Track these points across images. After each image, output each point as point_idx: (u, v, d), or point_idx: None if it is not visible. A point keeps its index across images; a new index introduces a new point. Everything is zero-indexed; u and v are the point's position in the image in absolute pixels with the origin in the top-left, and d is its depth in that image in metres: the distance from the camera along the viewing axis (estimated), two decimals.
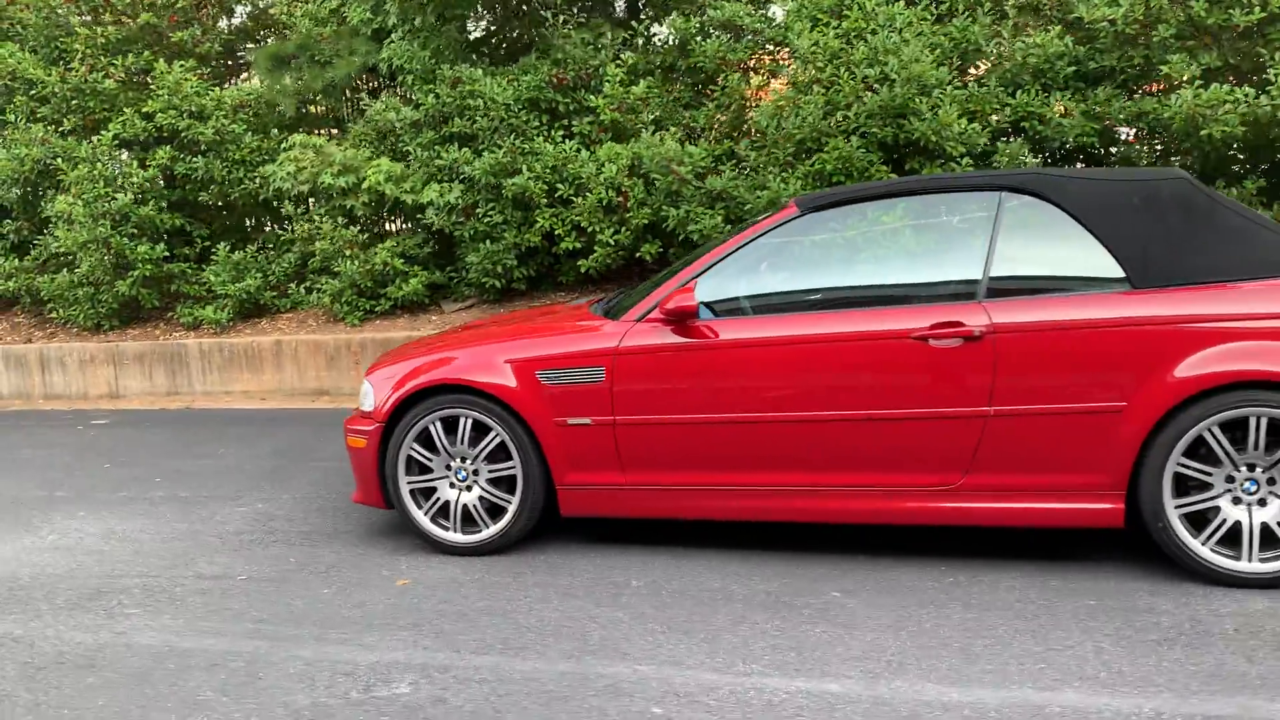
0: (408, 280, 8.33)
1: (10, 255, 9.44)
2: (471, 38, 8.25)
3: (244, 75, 9.41)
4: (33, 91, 8.90)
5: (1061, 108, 7.01)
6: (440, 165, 7.97)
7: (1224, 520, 3.49)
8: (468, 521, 4.25)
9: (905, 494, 3.77)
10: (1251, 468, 3.46)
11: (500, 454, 4.16)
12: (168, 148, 8.76)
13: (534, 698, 2.96)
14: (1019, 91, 7.08)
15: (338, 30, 8.24)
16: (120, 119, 8.68)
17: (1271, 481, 3.45)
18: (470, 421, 4.17)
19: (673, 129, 7.68)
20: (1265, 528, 3.47)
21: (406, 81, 8.06)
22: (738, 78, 7.65)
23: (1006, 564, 3.80)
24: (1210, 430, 3.44)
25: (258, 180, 8.63)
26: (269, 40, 9.06)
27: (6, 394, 9.43)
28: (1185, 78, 6.69)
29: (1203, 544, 3.50)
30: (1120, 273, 3.61)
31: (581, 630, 3.42)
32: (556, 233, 7.99)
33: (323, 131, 9.15)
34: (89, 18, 8.79)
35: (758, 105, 7.46)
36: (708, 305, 4.01)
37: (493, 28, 8.48)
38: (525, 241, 8.08)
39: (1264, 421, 3.40)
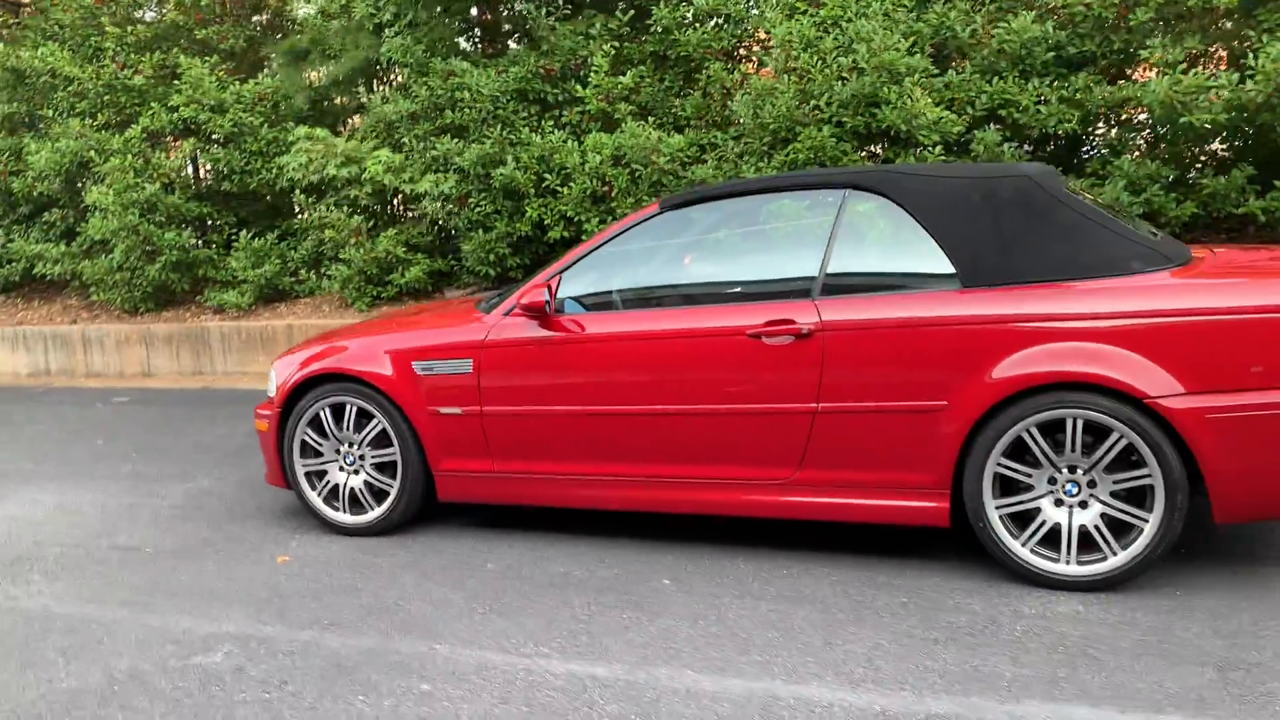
0: (410, 268, 8.61)
1: (59, 242, 10.06)
2: (463, 30, 8.45)
3: (265, 70, 9.80)
4: (70, 88, 9.46)
5: (1038, 95, 6.86)
6: (434, 156, 8.22)
7: (1044, 522, 3.48)
8: (356, 504, 4.47)
9: (745, 487, 3.84)
10: (1073, 470, 3.43)
11: (383, 440, 4.37)
12: (192, 140, 9.22)
13: (323, 670, 3.16)
14: (995, 79, 6.94)
15: (346, 25, 8.54)
16: (149, 113, 9.17)
17: (1092, 484, 3.41)
18: (355, 409, 4.39)
19: (649, 120, 7.77)
20: (1084, 531, 3.44)
21: (403, 74, 8.33)
22: (719, 66, 7.68)
23: (847, 558, 3.85)
24: (1028, 431, 3.42)
25: (274, 170, 9.01)
26: (287, 36, 9.43)
27: (54, 370, 10.09)
28: (1165, 61, 6.47)
29: (1022, 545, 3.49)
30: (951, 271, 3.60)
31: (410, 609, 3.61)
32: (545, 222, 8.16)
33: (345, 123, 9.48)
34: (119, 17, 9.28)
35: (741, 94, 7.48)
36: (577, 299, 4.13)
37: (487, 16, 8.67)
38: (517, 231, 8.28)
39: (1079, 423, 3.37)
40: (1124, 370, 3.30)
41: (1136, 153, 6.95)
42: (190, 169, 9.40)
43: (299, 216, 9.08)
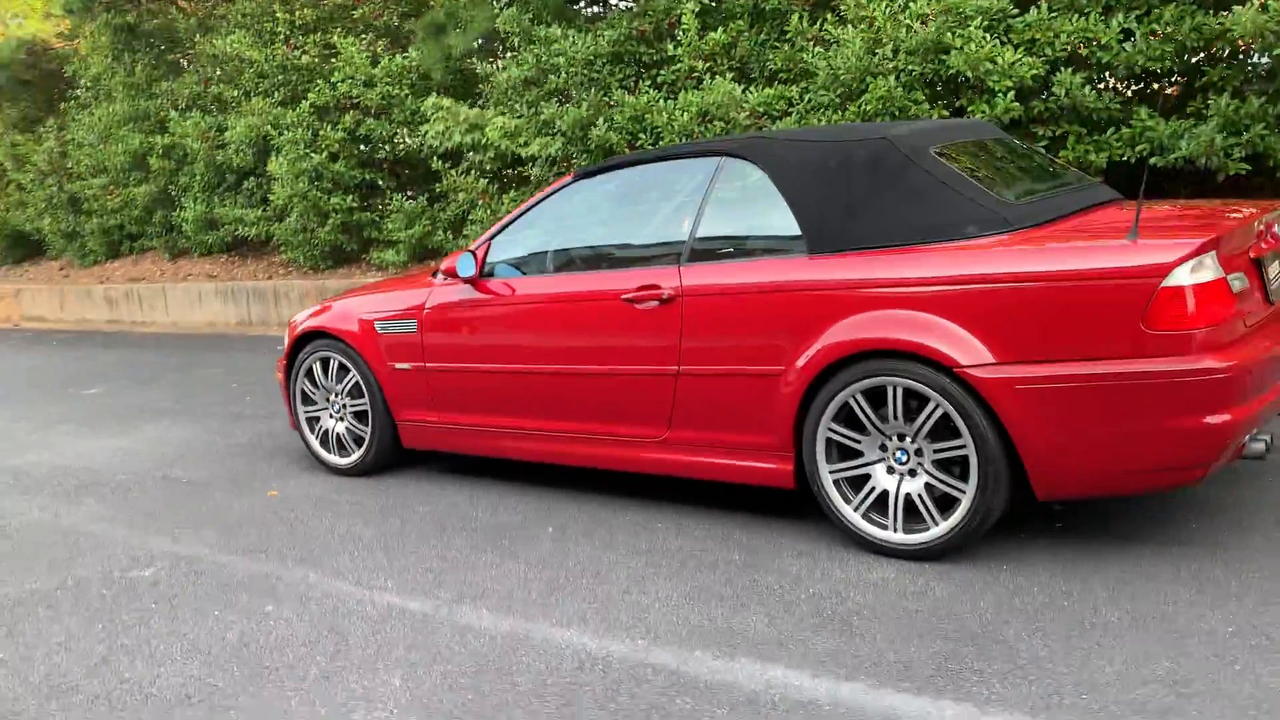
0: None
1: (256, 207, 11.38)
2: None
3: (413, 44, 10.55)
4: (252, 69, 10.65)
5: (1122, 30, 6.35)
6: (542, 120, 8.64)
7: (874, 488, 3.47)
8: (341, 447, 5.03)
9: (628, 444, 4.05)
10: (902, 438, 3.40)
11: (357, 392, 4.89)
12: (352, 112, 10.15)
13: (210, 588, 3.71)
14: (1077, 16, 6.49)
15: None
16: (316, 89, 10.18)
17: (920, 454, 3.37)
18: (336, 363, 4.93)
19: (728, 75, 7.80)
20: (909, 499, 3.41)
21: (512, 43, 8.78)
22: (798, 17, 7.59)
23: (728, 517, 3.95)
24: (854, 397, 3.42)
25: (418, 139, 9.77)
26: (429, 10, 10.12)
27: (254, 321, 11.49)
28: None
29: (854, 510, 3.50)
30: (801, 236, 3.62)
31: (322, 543, 4.10)
32: None
33: (477, 92, 10.08)
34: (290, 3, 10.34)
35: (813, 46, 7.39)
36: (508, 263, 4.44)
37: None
38: None
39: (899, 391, 3.34)
40: (939, 338, 3.23)
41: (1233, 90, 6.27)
42: (352, 139, 10.31)
43: (440, 181, 9.79)
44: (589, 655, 2.95)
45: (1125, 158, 6.58)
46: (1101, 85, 6.69)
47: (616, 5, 8.57)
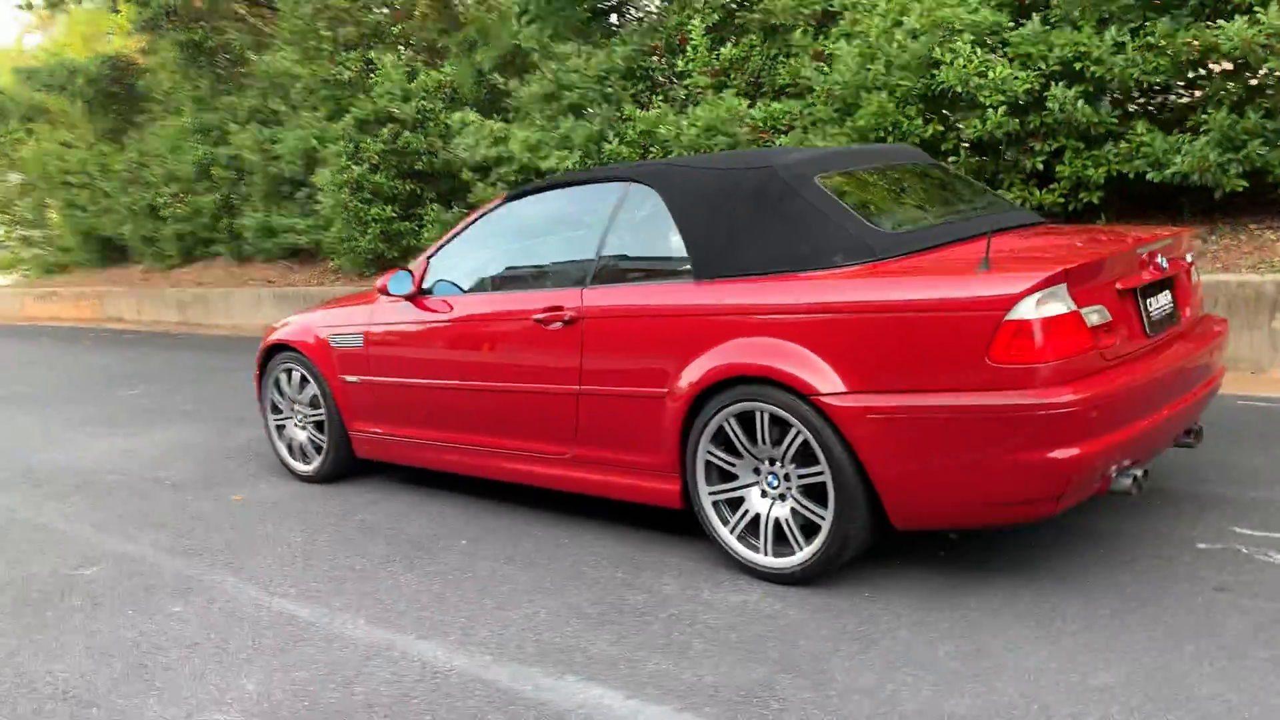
0: None
1: (307, 216, 11.83)
2: (588, 16, 8.91)
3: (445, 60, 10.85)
4: (298, 84, 11.08)
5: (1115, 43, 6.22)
6: (559, 134, 8.82)
7: (747, 511, 3.52)
8: (304, 456, 5.26)
9: (541, 460, 4.16)
10: (773, 463, 3.44)
11: (316, 403, 5.11)
12: (391, 125, 10.49)
13: (137, 589, 3.94)
14: (1070, 29, 6.38)
15: (501, 14, 9.33)
16: (358, 104, 10.54)
17: (788, 479, 3.41)
18: (298, 375, 5.16)
19: (737, 90, 7.84)
20: (778, 523, 3.45)
21: (533, 59, 8.97)
22: (800, 33, 7.60)
23: (634, 534, 4.03)
24: (728, 421, 3.48)
25: (449, 152, 10.05)
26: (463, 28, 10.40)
27: None
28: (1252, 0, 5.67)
29: (730, 532, 3.55)
30: (689, 263, 3.69)
31: (254, 548, 4.31)
32: None
33: (503, 108, 10.31)
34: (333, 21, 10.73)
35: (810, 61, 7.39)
36: (446, 281, 4.60)
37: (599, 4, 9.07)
38: None
39: (766, 416, 3.38)
40: (799, 366, 3.27)
41: (1229, 104, 6.07)
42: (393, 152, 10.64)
43: (471, 191, 10.06)
44: (433, 668, 3.07)
45: (1125, 173, 6.43)
46: (1106, 99, 6.54)
47: (633, 21, 8.66)
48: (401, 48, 10.66)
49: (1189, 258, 3.72)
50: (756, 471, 3.49)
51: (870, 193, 3.78)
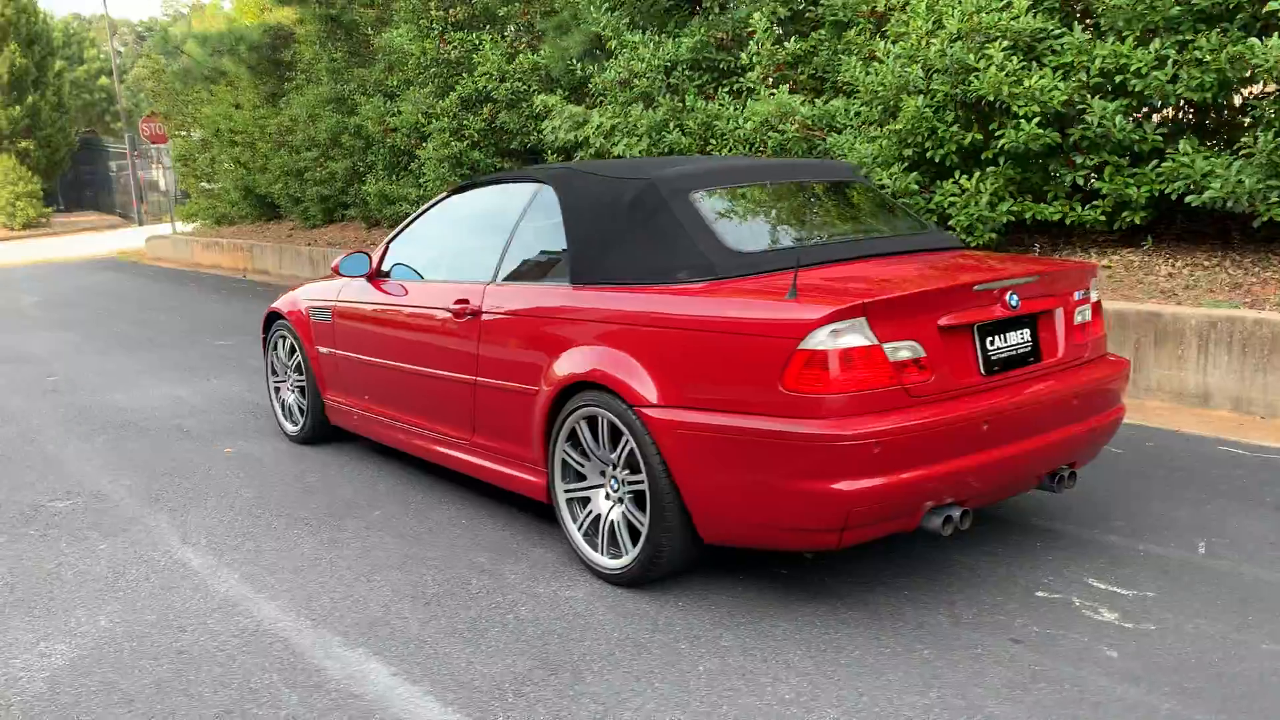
0: None
1: (419, 187, 12.40)
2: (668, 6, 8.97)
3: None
4: (410, 62, 11.60)
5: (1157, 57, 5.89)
6: (630, 121, 8.96)
7: (591, 511, 3.64)
8: (292, 417, 5.66)
9: (448, 443, 4.38)
10: (615, 466, 3.55)
11: (300, 369, 5.49)
12: (490, 105, 10.88)
13: (92, 523, 4.40)
14: (1113, 39, 6.09)
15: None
16: (462, 82, 10.98)
17: (625, 484, 3.52)
18: (288, 343, 5.56)
19: (796, 85, 7.78)
20: (613, 526, 3.56)
21: (611, 46, 9.12)
22: (854, 32, 7.47)
23: (538, 523, 4.20)
24: (579, 424, 3.60)
25: (539, 133, 10.35)
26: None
27: None
28: None
29: (577, 529, 3.68)
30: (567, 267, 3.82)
31: (205, 498, 4.71)
32: None
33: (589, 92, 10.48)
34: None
35: (855, 61, 7.26)
36: (402, 265, 4.87)
37: None
38: None
39: (605, 423, 3.49)
40: (630, 376, 3.36)
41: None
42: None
43: None
44: (255, 627, 3.35)
45: (1167, 193, 6.09)
46: (1148, 115, 6.19)
47: (707, 12, 8.69)
48: (507, 30, 10.98)
49: (1083, 295, 3.57)
50: (603, 474, 3.59)
51: (752, 210, 3.79)
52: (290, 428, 5.64)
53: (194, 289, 14.72)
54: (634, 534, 3.46)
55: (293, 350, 5.51)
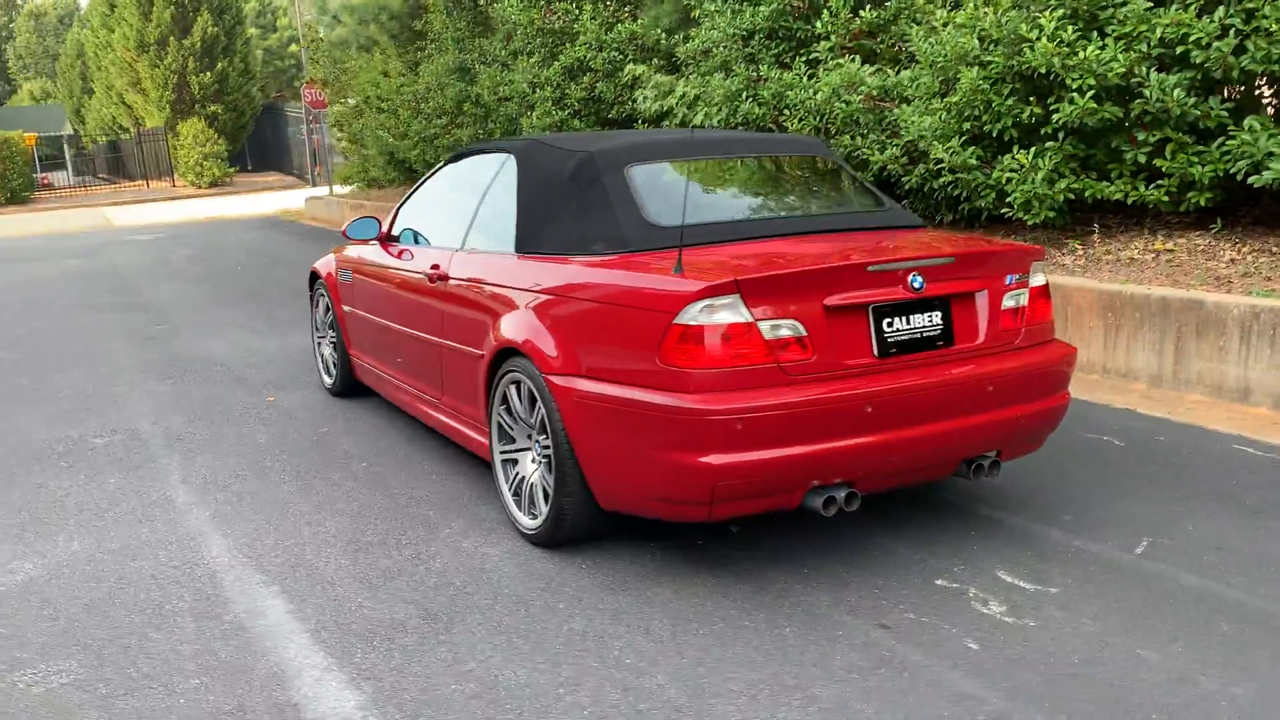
0: None
1: None
2: None
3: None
4: (519, 32, 11.85)
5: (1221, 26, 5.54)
6: (710, 91, 8.96)
7: (519, 473, 3.78)
8: (329, 371, 6.01)
9: (427, 402, 4.60)
10: (535, 429, 3.68)
11: (334, 327, 5.82)
12: (590, 74, 11.04)
13: (118, 459, 4.84)
14: (1176, 7, 5.75)
15: None
16: (565, 53, 11.18)
17: (541, 447, 3.64)
18: (324, 302, 5.90)
19: (868, 55, 7.62)
20: (533, 487, 3.69)
21: (697, 15, 9.11)
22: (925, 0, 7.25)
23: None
24: (509, 388, 3.74)
25: (632, 102, 10.46)
26: None
27: None
28: None
29: (508, 489, 3.83)
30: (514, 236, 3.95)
31: (223, 443, 5.09)
32: None
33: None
34: None
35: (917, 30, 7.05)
36: (409, 230, 5.10)
37: None
38: None
39: (525, 388, 3.62)
40: (543, 343, 3.48)
41: None
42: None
43: None
44: (196, 562, 3.64)
45: (1232, 173, 5.74)
46: (1212, 89, 5.81)
47: None
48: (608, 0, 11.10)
49: (1017, 279, 3.46)
50: (529, 437, 3.72)
51: (688, 185, 3.81)
52: (327, 380, 5.99)
53: (331, 247, 15.51)
54: (547, 497, 3.57)
55: (328, 308, 5.83)
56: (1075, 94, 5.94)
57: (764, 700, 2.62)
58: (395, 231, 5.09)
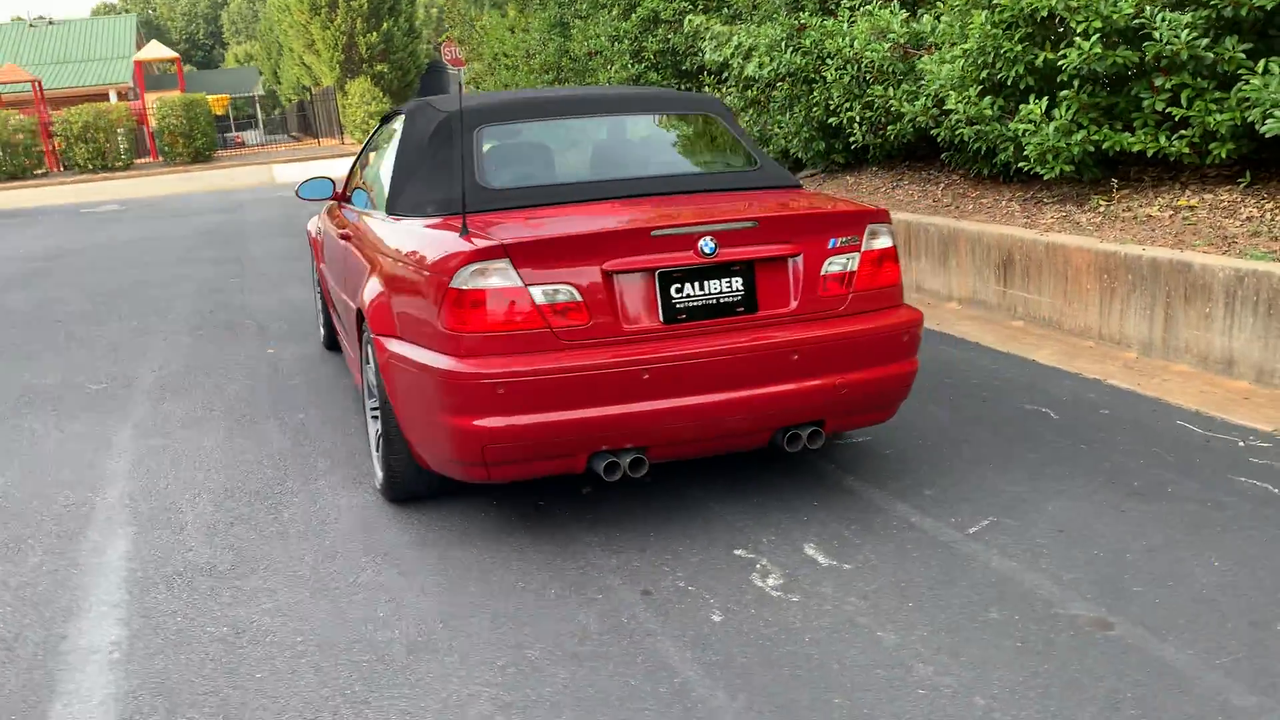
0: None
1: None
2: None
3: None
4: None
5: None
6: (761, 41, 8.76)
7: (377, 429, 3.91)
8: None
9: (355, 362, 4.77)
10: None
11: (318, 285, 6.09)
12: (664, 27, 10.95)
13: (97, 404, 5.27)
14: None
15: None
16: (642, 5, 11.11)
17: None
18: (311, 261, 6.17)
19: (889, 3, 7.28)
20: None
21: None
22: None
23: None
24: (368, 347, 3.86)
25: (700, 53, 10.33)
26: None
27: None
28: None
29: (373, 446, 3.96)
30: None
31: (206, 392, 5.44)
32: (832, 107, 8.23)
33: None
34: None
35: None
36: (361, 189, 5.26)
37: None
38: (815, 116, 8.48)
39: (371, 347, 3.73)
40: (373, 304, 3.58)
41: None
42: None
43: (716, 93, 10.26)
44: (86, 500, 3.94)
45: (1250, 121, 5.27)
46: (1227, 29, 5.29)
47: None
48: None
49: (845, 242, 3.31)
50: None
51: (540, 147, 3.79)
52: (322, 334, 6.28)
53: None
54: None
55: (314, 266, 6.10)
56: (1080, 38, 5.52)
57: (476, 656, 2.66)
58: (349, 192, 5.24)
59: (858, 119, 7.84)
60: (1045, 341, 5.52)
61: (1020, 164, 6.28)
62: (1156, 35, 5.31)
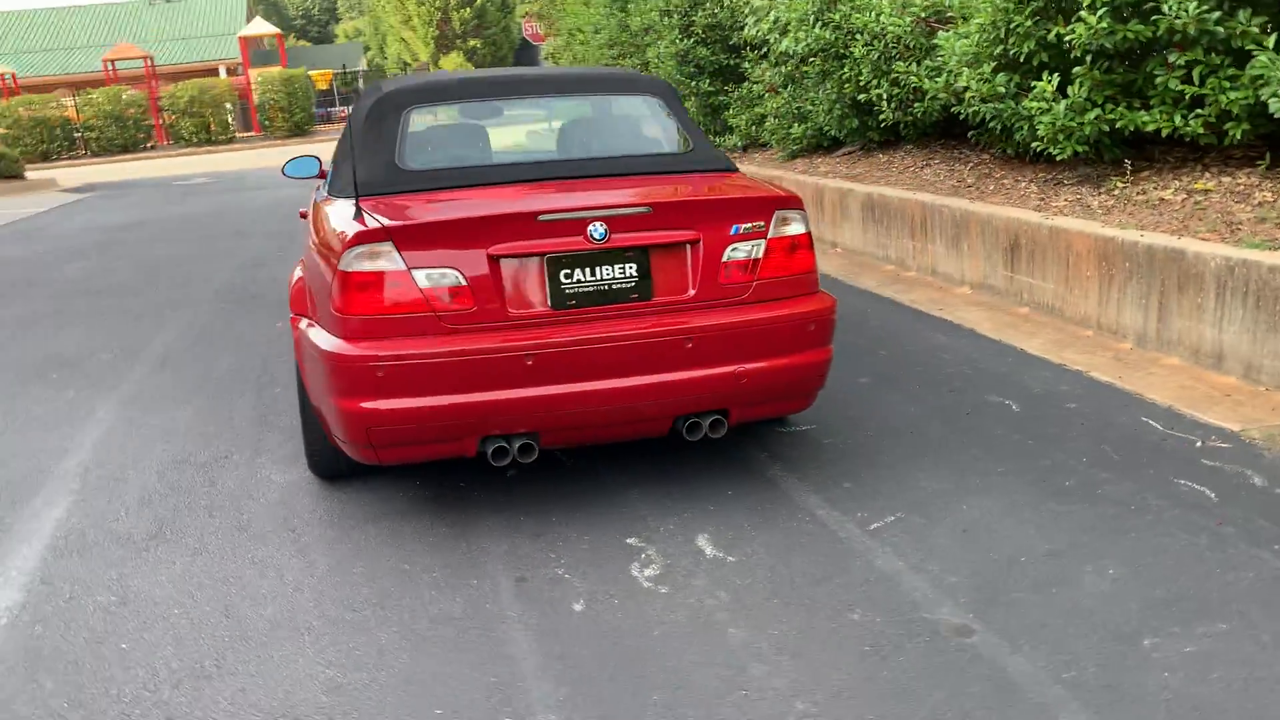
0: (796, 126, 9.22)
1: None
2: None
3: None
4: None
5: None
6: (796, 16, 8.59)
7: None
8: None
9: None
10: None
11: None
12: (710, 3, 10.83)
13: (86, 375, 5.50)
14: None
15: None
16: None
17: None
18: None
19: None
20: None
21: None
22: None
23: None
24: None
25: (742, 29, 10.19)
26: None
27: None
28: None
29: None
30: None
31: (208, 362, 5.64)
32: (861, 83, 8.05)
33: None
34: None
35: None
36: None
37: None
38: (846, 93, 8.30)
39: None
40: (294, 284, 3.66)
41: None
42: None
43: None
44: (34, 467, 4.12)
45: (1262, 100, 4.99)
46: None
47: None
48: None
49: (749, 229, 3.23)
50: None
51: (466, 128, 3.79)
52: None
53: None
54: None
55: None
56: (1086, 11, 5.27)
57: (330, 637, 2.70)
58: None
59: (885, 96, 7.63)
60: (1042, 330, 5.32)
61: (1035, 144, 6.04)
62: (1166, 8, 5.03)
